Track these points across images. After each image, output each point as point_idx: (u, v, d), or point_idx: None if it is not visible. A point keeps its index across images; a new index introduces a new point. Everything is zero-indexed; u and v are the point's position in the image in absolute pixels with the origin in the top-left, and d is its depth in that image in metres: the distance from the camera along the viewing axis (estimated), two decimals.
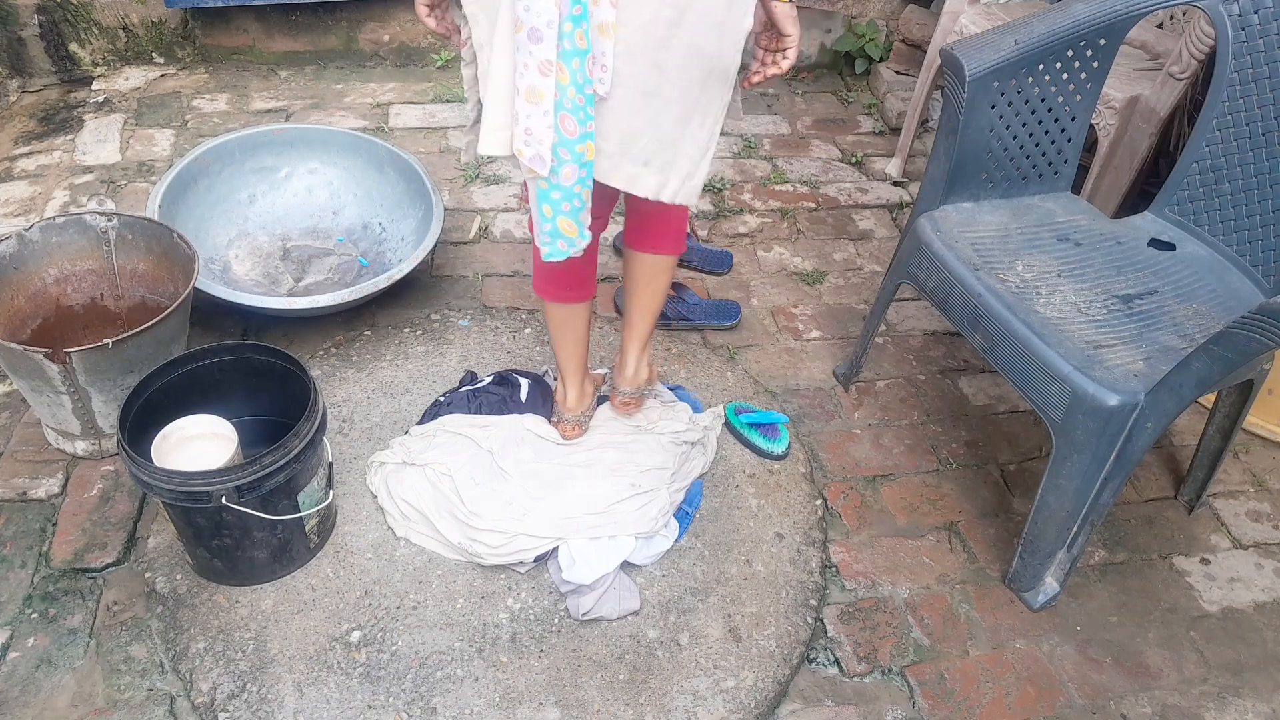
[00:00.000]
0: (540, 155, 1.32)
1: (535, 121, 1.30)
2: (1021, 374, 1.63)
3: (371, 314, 2.26)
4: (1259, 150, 1.78)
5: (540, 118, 1.30)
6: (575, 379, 1.84)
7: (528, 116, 1.30)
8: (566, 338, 1.79)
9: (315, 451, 1.60)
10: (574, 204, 1.39)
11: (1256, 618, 1.82)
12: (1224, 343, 1.40)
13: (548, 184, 1.37)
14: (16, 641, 1.59)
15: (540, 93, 1.28)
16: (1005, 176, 1.92)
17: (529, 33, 1.25)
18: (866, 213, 2.83)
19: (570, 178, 1.36)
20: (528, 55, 1.26)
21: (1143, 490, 2.06)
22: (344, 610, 1.65)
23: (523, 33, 1.25)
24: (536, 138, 1.31)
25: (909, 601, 1.79)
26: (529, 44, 1.25)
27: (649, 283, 1.75)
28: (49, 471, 1.86)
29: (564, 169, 1.35)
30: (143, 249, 1.97)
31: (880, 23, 3.41)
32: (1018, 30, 1.76)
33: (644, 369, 1.87)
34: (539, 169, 1.34)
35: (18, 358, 1.68)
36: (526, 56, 1.26)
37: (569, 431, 1.88)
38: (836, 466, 2.03)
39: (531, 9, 1.23)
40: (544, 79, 1.27)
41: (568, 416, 1.88)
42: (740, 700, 1.58)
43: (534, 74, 1.27)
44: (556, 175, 1.35)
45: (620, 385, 1.88)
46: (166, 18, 3.09)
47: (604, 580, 1.67)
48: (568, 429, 1.88)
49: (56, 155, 2.73)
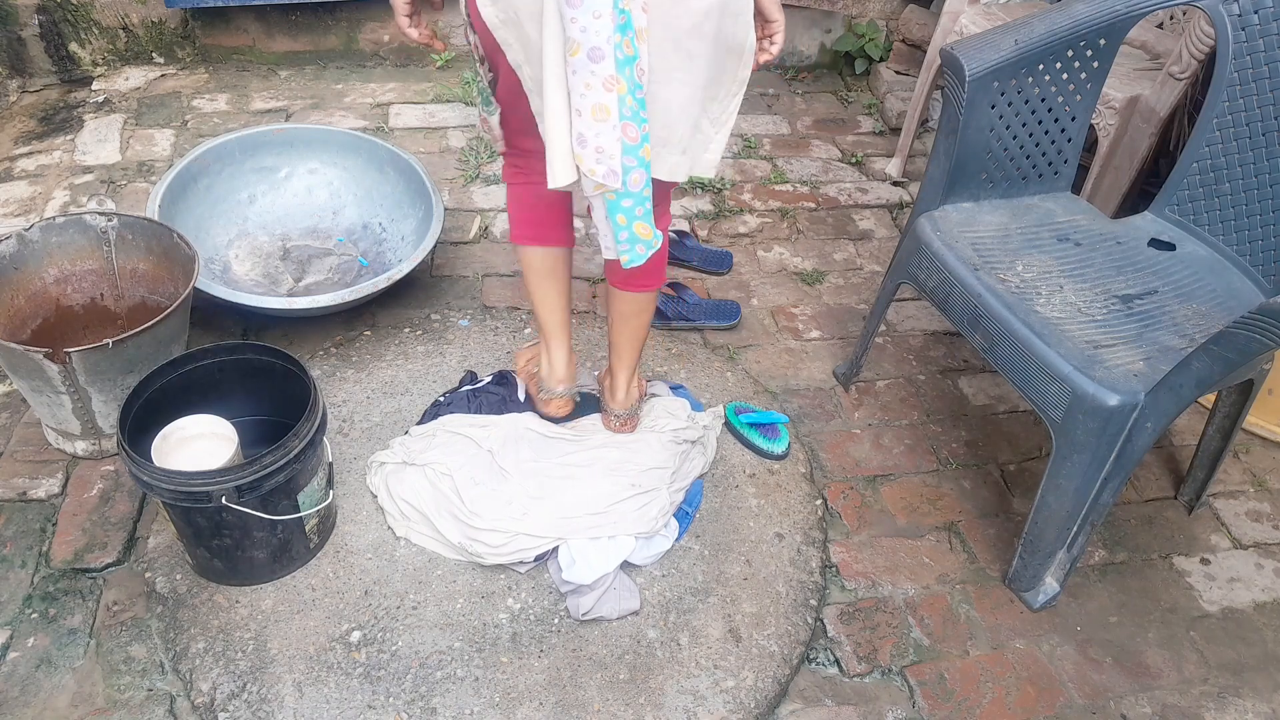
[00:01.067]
0: (613, 169, 1.33)
1: (605, 138, 1.31)
2: (1021, 374, 1.63)
3: (371, 314, 2.26)
4: (1259, 150, 1.78)
5: (609, 132, 1.31)
6: (562, 340, 1.79)
7: (597, 135, 1.30)
8: (551, 289, 1.74)
9: (315, 451, 1.60)
10: (645, 207, 1.40)
11: (1256, 618, 1.82)
12: (1224, 343, 1.40)
13: (616, 195, 1.37)
14: (16, 641, 1.59)
15: (607, 108, 1.29)
16: (1005, 176, 1.92)
17: (589, 53, 1.25)
18: (866, 213, 2.83)
19: (639, 183, 1.38)
20: (589, 75, 1.26)
21: (1143, 490, 2.06)
22: (344, 610, 1.65)
23: (581, 54, 1.25)
24: (608, 153, 1.32)
25: (909, 601, 1.79)
26: (590, 64, 1.26)
27: (635, 317, 1.76)
28: (49, 471, 1.86)
29: (631, 175, 1.36)
30: (143, 249, 1.97)
31: (880, 23, 3.41)
32: (1018, 30, 1.76)
33: (634, 390, 1.88)
34: (612, 183, 1.34)
35: (18, 358, 1.68)
36: (588, 76, 1.26)
37: (560, 407, 1.82)
38: (836, 466, 2.03)
39: (589, 29, 1.23)
40: (609, 94, 1.28)
41: (559, 389, 1.82)
42: (740, 700, 1.58)
43: (599, 91, 1.27)
44: (625, 184, 1.36)
45: (614, 409, 1.88)
46: (166, 18, 3.09)
47: (604, 580, 1.67)
48: (559, 404, 1.83)
49: (56, 155, 2.73)
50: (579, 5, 1.22)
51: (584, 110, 1.29)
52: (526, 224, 1.71)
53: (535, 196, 1.68)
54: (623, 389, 1.86)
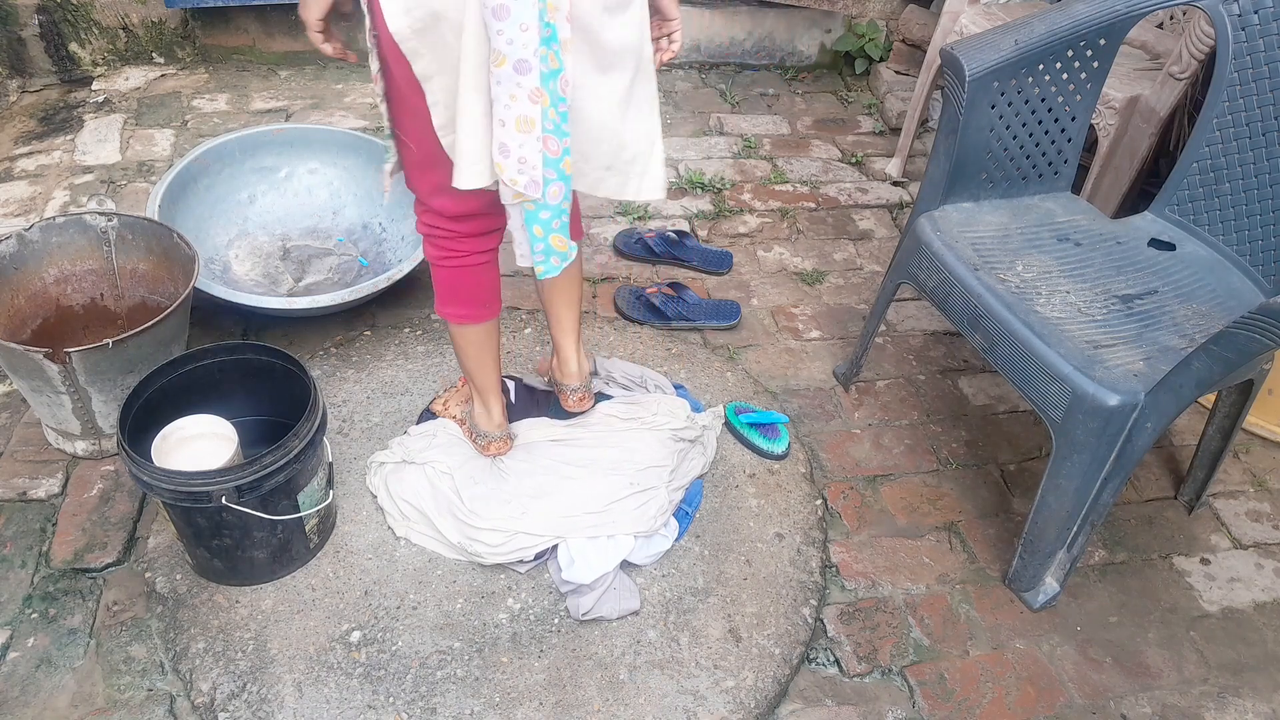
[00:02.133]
0: (534, 180, 1.34)
1: (529, 149, 1.31)
2: (1021, 374, 1.63)
3: (371, 314, 2.26)
4: (1259, 150, 1.78)
5: (533, 144, 1.31)
6: (495, 395, 1.80)
7: (520, 146, 1.30)
8: (485, 356, 1.74)
9: (315, 451, 1.60)
10: (562, 220, 1.41)
11: (1256, 618, 1.82)
12: (1224, 343, 1.40)
13: (535, 205, 1.38)
14: (16, 641, 1.59)
15: (532, 120, 1.29)
16: (1005, 176, 1.92)
17: (515, 65, 1.24)
18: (866, 213, 2.83)
19: (557, 196, 1.38)
20: (514, 87, 1.26)
21: (1143, 490, 2.06)
22: (344, 610, 1.65)
23: (506, 66, 1.25)
24: (530, 164, 1.32)
25: (909, 601, 1.79)
26: (515, 76, 1.25)
27: (568, 274, 1.73)
28: (49, 471, 1.86)
29: (551, 188, 1.37)
30: (143, 249, 1.97)
31: (880, 23, 3.41)
32: (1018, 30, 1.76)
33: (585, 361, 1.89)
34: (533, 193, 1.35)
35: (18, 358, 1.68)
36: (514, 88, 1.26)
37: (501, 447, 1.84)
38: (836, 466, 2.03)
39: (515, 41, 1.23)
40: (534, 106, 1.28)
41: (498, 434, 1.83)
42: (740, 700, 1.58)
43: (524, 103, 1.27)
44: (544, 196, 1.36)
45: (568, 383, 1.88)
46: (166, 18, 3.09)
47: (604, 580, 1.67)
48: (498, 445, 1.84)
49: (56, 155, 2.73)
50: (505, 17, 1.21)
51: (508, 121, 1.29)
52: (460, 304, 1.65)
53: (470, 279, 1.63)
54: (573, 360, 1.86)
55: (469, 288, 1.64)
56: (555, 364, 1.90)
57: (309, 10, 1.36)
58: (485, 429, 1.83)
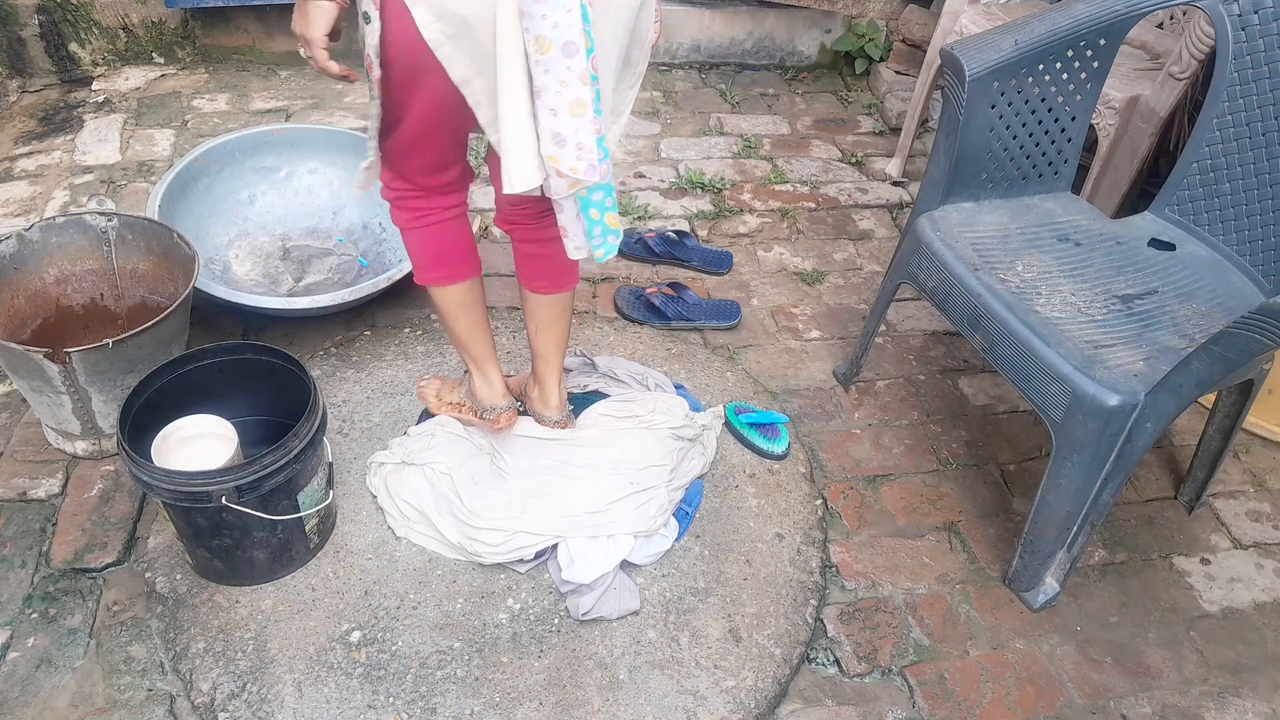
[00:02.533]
0: (592, 164, 1.30)
1: (584, 133, 1.28)
2: (1021, 374, 1.63)
3: (371, 314, 2.26)
4: (1259, 150, 1.78)
5: (587, 127, 1.28)
6: (493, 362, 1.76)
7: (576, 131, 1.27)
8: (475, 319, 1.71)
9: (315, 451, 1.60)
10: (612, 197, 1.39)
11: (1256, 618, 1.82)
12: (1224, 343, 1.40)
13: (588, 190, 1.35)
14: (16, 641, 1.59)
15: (585, 103, 1.26)
16: (1005, 176, 1.92)
17: (563, 48, 1.22)
18: (866, 213, 2.83)
19: (607, 173, 1.36)
20: (564, 71, 1.23)
21: (1143, 490, 2.06)
22: (344, 610, 1.65)
23: (554, 51, 1.22)
24: (587, 148, 1.29)
25: (909, 601, 1.79)
26: (564, 59, 1.22)
27: (559, 319, 1.74)
28: (49, 471, 1.86)
29: (603, 165, 1.34)
30: (143, 249, 1.97)
31: (880, 23, 3.41)
32: (1018, 30, 1.76)
33: (563, 391, 1.87)
34: (592, 177, 1.31)
35: (18, 358, 1.68)
36: (564, 73, 1.23)
37: (509, 419, 1.79)
38: (836, 466, 2.03)
39: (560, 25, 1.20)
40: (584, 88, 1.25)
41: (503, 404, 1.79)
42: (740, 700, 1.58)
43: (576, 86, 1.24)
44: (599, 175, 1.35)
45: (549, 415, 1.86)
46: (166, 18, 3.09)
47: (604, 580, 1.67)
48: (507, 417, 1.80)
49: (56, 155, 2.73)
50: (549, 1, 1.19)
51: (560, 109, 1.25)
52: (439, 265, 1.64)
53: (445, 236, 1.62)
54: (555, 393, 1.84)
55: (446, 244, 1.62)
56: (536, 394, 1.86)
57: (314, 26, 1.29)
58: (490, 400, 1.79)
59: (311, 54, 1.31)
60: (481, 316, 1.73)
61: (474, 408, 1.84)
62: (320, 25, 1.29)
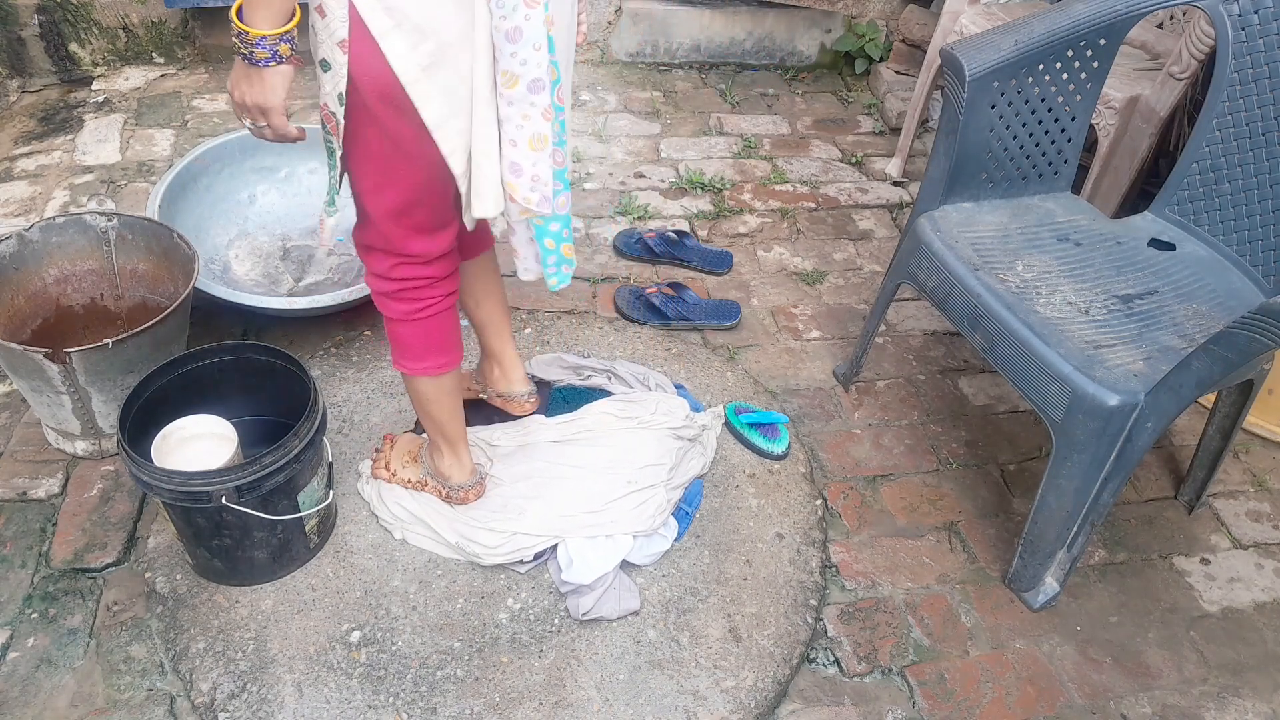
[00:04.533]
0: (546, 196, 1.32)
1: (541, 166, 1.29)
2: (1021, 374, 1.63)
3: (371, 314, 2.25)
4: (1259, 150, 1.78)
5: (545, 161, 1.29)
6: (465, 440, 1.71)
7: (534, 164, 1.28)
8: (458, 401, 1.65)
9: (315, 451, 1.60)
10: (569, 229, 1.42)
11: (1256, 618, 1.82)
12: (1224, 343, 1.40)
13: (544, 220, 1.37)
14: (16, 641, 1.59)
15: (545, 137, 1.27)
16: (1005, 176, 1.92)
17: (529, 85, 1.22)
18: (866, 213, 2.83)
19: (564, 206, 1.38)
20: (528, 106, 1.24)
21: (1143, 490, 2.06)
22: (344, 610, 1.65)
23: (520, 87, 1.22)
24: (543, 180, 1.30)
25: (909, 601, 1.79)
26: (530, 96, 1.23)
27: (493, 280, 1.72)
28: (49, 471, 1.86)
29: (559, 198, 1.36)
30: (143, 249, 1.97)
31: (880, 23, 3.41)
32: (1018, 30, 1.76)
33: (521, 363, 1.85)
34: (545, 209, 1.32)
35: (18, 358, 1.68)
36: (527, 108, 1.24)
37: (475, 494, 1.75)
38: (836, 466, 2.03)
39: (529, 61, 1.20)
40: (546, 123, 1.26)
41: (473, 479, 1.74)
42: (740, 700, 1.58)
43: (538, 121, 1.25)
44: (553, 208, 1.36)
45: (519, 388, 1.83)
46: (166, 18, 3.09)
47: (603, 580, 1.67)
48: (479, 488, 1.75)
49: (56, 155, 2.73)
50: (519, 39, 1.18)
51: (519, 141, 1.26)
52: (438, 354, 1.54)
53: (446, 324, 1.53)
54: (517, 364, 1.80)
55: (446, 333, 1.54)
56: (498, 373, 1.82)
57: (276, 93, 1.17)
58: (461, 480, 1.73)
59: (269, 122, 1.20)
60: (461, 398, 1.67)
61: (438, 487, 1.75)
62: (282, 91, 1.18)
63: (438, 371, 1.56)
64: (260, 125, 1.21)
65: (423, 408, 1.64)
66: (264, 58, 1.14)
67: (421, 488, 1.77)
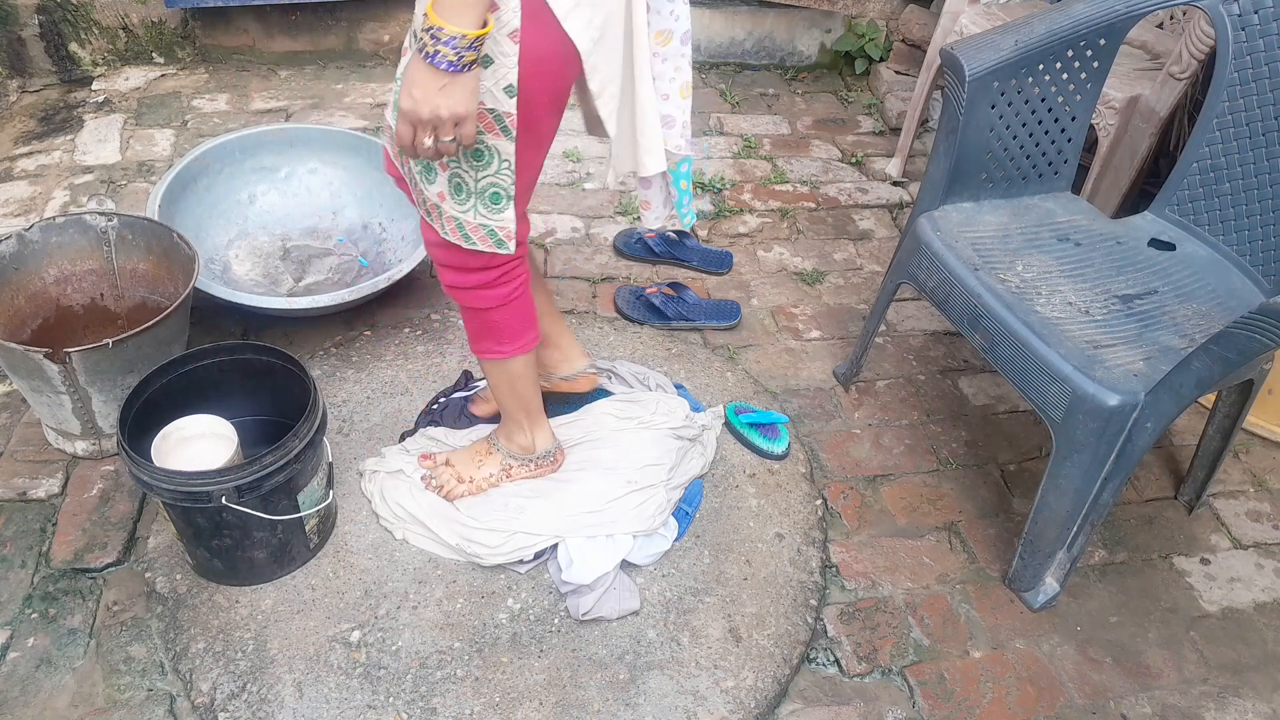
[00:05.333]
0: (689, 138, 1.45)
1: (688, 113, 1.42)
2: (1021, 374, 1.63)
3: (371, 314, 2.25)
4: (1259, 150, 1.78)
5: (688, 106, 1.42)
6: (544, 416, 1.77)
7: (683, 111, 1.42)
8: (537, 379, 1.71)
9: (315, 451, 1.60)
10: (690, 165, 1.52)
11: (1256, 618, 1.82)
12: (1224, 342, 1.40)
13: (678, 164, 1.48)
14: (16, 641, 1.59)
15: (690, 84, 1.40)
16: (1005, 176, 1.92)
17: (681, 37, 1.36)
18: (866, 213, 2.83)
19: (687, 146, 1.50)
20: (679, 58, 1.38)
21: (1143, 490, 2.06)
22: (344, 610, 1.65)
23: (674, 41, 1.36)
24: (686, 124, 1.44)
25: (909, 601, 1.79)
26: (681, 47, 1.37)
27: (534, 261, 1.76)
28: (49, 471, 1.86)
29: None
30: (143, 249, 1.97)
31: (880, 23, 3.41)
32: (1018, 30, 1.76)
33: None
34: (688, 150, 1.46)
35: (18, 358, 1.68)
36: (679, 60, 1.38)
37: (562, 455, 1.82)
38: (836, 466, 2.03)
39: (680, 16, 1.34)
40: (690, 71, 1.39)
41: (556, 443, 1.80)
42: (740, 700, 1.58)
43: (687, 70, 1.39)
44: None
45: (579, 364, 1.91)
46: (166, 18, 3.09)
47: (604, 580, 1.67)
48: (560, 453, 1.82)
49: (56, 155, 2.73)
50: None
51: (672, 93, 1.39)
52: (531, 326, 1.59)
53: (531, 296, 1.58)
54: (575, 341, 1.91)
55: (532, 307, 1.58)
56: (558, 358, 1.89)
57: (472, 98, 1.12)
58: (547, 445, 1.78)
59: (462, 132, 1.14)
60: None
61: (524, 464, 1.77)
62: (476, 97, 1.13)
63: (532, 346, 1.60)
64: (447, 139, 1.14)
65: (511, 387, 1.64)
66: (451, 60, 1.07)
67: (507, 475, 1.78)
